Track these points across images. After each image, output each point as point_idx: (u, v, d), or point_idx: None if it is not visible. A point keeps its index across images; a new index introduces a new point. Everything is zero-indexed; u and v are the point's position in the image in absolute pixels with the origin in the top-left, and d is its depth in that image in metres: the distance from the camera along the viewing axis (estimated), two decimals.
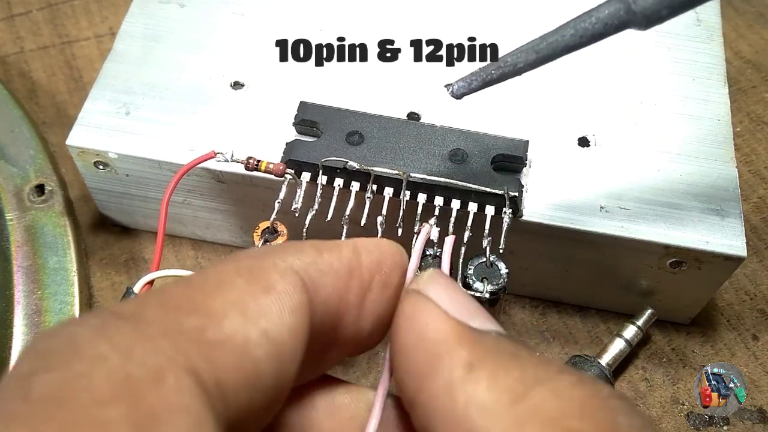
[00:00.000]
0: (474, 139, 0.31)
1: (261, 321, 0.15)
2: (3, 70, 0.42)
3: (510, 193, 0.29)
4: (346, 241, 0.18)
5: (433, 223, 0.29)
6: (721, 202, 0.31)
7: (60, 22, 0.45)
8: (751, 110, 0.42)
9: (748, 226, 0.39)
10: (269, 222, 0.30)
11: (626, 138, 0.33)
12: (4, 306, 0.33)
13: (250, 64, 0.34)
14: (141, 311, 0.14)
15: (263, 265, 0.16)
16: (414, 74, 0.34)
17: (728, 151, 0.33)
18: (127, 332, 0.13)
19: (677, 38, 0.36)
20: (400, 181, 0.29)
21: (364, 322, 0.18)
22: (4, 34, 0.44)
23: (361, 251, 0.18)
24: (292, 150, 0.30)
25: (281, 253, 0.16)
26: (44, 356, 0.13)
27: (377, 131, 0.31)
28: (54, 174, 0.35)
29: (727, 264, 0.31)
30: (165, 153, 0.32)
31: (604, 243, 0.31)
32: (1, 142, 0.36)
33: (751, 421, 0.33)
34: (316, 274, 0.17)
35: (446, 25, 0.36)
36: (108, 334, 0.13)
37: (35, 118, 0.39)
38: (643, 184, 0.32)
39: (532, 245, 0.32)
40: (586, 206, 0.31)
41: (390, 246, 0.19)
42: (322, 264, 0.17)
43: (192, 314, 0.14)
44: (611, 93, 0.34)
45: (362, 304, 0.18)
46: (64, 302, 0.34)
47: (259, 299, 0.15)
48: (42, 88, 0.42)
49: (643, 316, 0.34)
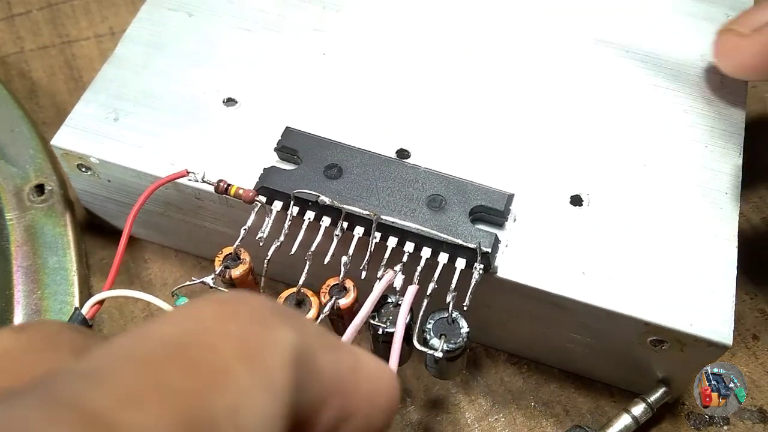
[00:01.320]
0: (456, 186, 0.30)
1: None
2: (3, 70, 0.43)
3: (483, 248, 0.28)
4: (351, 347, 0.16)
5: (399, 270, 0.28)
6: (713, 283, 0.29)
7: (60, 22, 0.45)
8: (751, 110, 0.39)
9: (748, 226, 0.38)
10: (233, 248, 0.29)
11: (623, 201, 0.31)
12: (3, 306, 0.33)
13: (247, 81, 0.34)
14: None
15: (265, 343, 0.13)
16: (411, 109, 0.33)
17: (731, 228, 0.31)
18: None
19: (696, 100, 0.34)
20: (371, 222, 0.28)
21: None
22: (4, 34, 0.45)
23: (361, 371, 0.15)
24: (267, 176, 0.30)
25: (283, 325, 0.14)
26: None
27: (357, 167, 0.30)
28: (54, 174, 0.36)
29: (710, 350, 0.29)
30: (145, 164, 0.31)
31: (580, 311, 0.29)
32: (1, 142, 0.36)
33: (751, 421, 0.33)
34: (305, 371, 0.14)
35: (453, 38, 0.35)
36: None
37: (35, 118, 0.40)
38: (632, 253, 0.30)
39: (508, 302, 0.31)
40: (567, 269, 0.29)
41: (392, 382, 0.16)
42: (317, 362, 0.14)
43: (192, 428, 0.12)
44: (614, 151, 0.33)
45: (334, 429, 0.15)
46: (64, 302, 0.34)
47: (259, 402, 0.12)
48: (42, 88, 0.43)
49: (655, 394, 0.32)
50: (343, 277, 0.29)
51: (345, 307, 0.28)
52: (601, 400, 0.34)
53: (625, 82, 0.35)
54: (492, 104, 0.34)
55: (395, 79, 0.34)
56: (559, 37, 0.36)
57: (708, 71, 0.35)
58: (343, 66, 0.35)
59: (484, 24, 0.36)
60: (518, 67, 0.35)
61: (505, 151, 0.32)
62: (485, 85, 0.34)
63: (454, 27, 0.36)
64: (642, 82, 0.35)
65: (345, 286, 0.29)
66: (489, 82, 0.34)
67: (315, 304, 0.29)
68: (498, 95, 0.34)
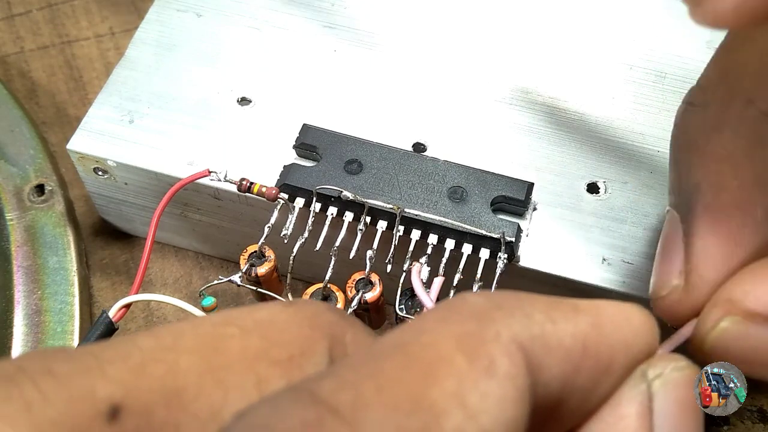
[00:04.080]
0: (476, 176, 0.30)
1: (482, 417, 0.12)
2: (3, 70, 0.43)
3: (506, 237, 0.28)
4: (588, 303, 0.15)
5: (424, 262, 0.29)
6: None
7: (60, 22, 0.45)
8: None
9: None
10: (257, 246, 0.29)
11: (639, 188, 0.32)
12: (4, 306, 0.33)
13: (260, 80, 0.34)
14: (358, 401, 0.12)
15: (485, 336, 0.13)
16: (425, 102, 0.34)
17: None
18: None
19: None
20: (394, 215, 0.29)
21: (594, 405, 0.15)
22: (4, 34, 0.44)
23: (604, 323, 0.15)
24: (287, 174, 0.30)
25: (506, 318, 0.14)
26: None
27: (377, 161, 0.30)
28: (54, 174, 0.35)
29: None
30: (163, 165, 0.31)
31: (603, 296, 0.30)
32: (1, 142, 0.36)
33: (751, 421, 0.33)
34: (542, 351, 0.14)
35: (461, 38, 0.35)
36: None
37: (35, 118, 0.39)
38: (650, 239, 0.30)
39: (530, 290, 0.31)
40: (588, 256, 0.30)
41: (643, 319, 0.16)
42: (552, 338, 0.14)
43: (412, 414, 0.12)
44: (628, 138, 0.33)
45: (593, 390, 0.15)
46: (64, 302, 0.34)
47: (481, 386, 0.13)
48: (42, 88, 0.42)
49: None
50: (368, 272, 0.29)
51: (371, 300, 0.29)
52: None
53: (636, 70, 0.35)
54: (505, 94, 0.34)
55: (406, 73, 0.34)
56: (571, 25, 0.36)
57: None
58: (354, 62, 0.35)
59: (495, 13, 0.37)
60: (530, 56, 0.35)
61: (520, 140, 0.33)
62: (497, 76, 0.35)
63: (463, 17, 0.36)
64: (652, 69, 0.35)
65: (371, 281, 0.29)
66: (501, 72, 0.35)
67: (341, 299, 0.29)
68: (511, 85, 0.34)
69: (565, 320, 0.15)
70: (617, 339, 0.15)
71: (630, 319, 0.16)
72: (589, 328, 0.15)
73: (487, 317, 0.14)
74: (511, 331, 0.14)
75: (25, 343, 0.32)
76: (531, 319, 0.14)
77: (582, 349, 0.14)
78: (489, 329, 0.13)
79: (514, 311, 0.14)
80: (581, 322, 0.15)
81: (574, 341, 0.14)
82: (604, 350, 0.15)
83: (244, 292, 0.35)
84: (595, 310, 0.15)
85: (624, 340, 0.15)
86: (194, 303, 0.28)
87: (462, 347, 0.13)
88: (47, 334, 0.32)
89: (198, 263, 0.37)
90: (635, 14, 0.37)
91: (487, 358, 0.13)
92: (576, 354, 0.14)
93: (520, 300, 0.15)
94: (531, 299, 0.15)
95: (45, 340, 0.32)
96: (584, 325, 0.15)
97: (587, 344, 0.14)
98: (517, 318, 0.14)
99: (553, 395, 0.14)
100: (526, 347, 0.14)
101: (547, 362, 0.14)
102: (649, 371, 0.15)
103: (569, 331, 0.14)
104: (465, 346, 0.13)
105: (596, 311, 0.15)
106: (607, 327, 0.15)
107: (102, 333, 0.27)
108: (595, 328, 0.15)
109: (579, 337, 0.14)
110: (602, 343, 0.15)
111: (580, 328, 0.15)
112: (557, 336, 0.14)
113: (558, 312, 0.15)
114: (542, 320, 0.14)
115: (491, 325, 0.14)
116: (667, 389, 0.15)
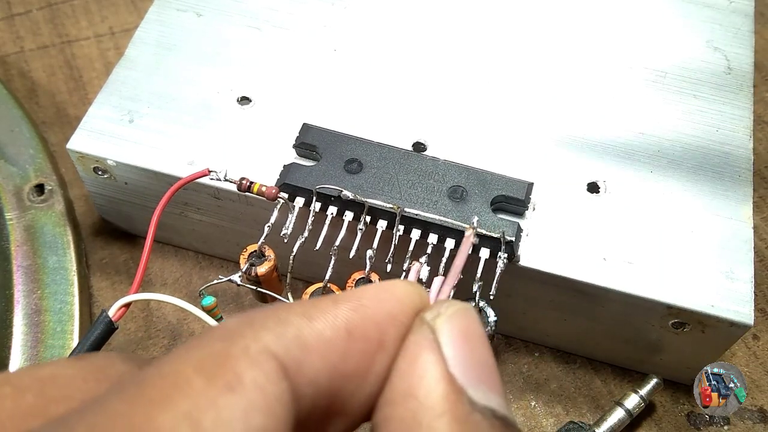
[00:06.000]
0: (476, 176, 0.30)
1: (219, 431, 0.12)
2: (3, 70, 0.43)
3: (506, 237, 0.28)
4: (351, 293, 0.15)
5: (424, 262, 0.29)
6: (732, 264, 0.30)
7: (60, 21, 0.45)
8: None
9: None
10: (257, 245, 0.29)
11: (639, 187, 0.32)
12: (3, 306, 0.33)
13: (260, 79, 0.34)
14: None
15: (231, 353, 0.13)
16: (425, 102, 0.34)
17: (746, 210, 0.31)
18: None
19: (705, 86, 0.35)
20: (394, 215, 0.29)
21: (374, 387, 0.15)
22: (4, 34, 0.45)
23: (366, 305, 0.15)
24: (287, 173, 0.30)
25: (257, 331, 0.14)
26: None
27: (377, 161, 0.30)
28: (54, 174, 0.35)
29: (732, 330, 0.29)
30: (163, 164, 0.31)
31: (603, 296, 0.30)
32: (1, 141, 0.36)
33: (751, 420, 0.33)
34: (299, 352, 0.14)
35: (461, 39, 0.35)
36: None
37: (35, 118, 0.39)
38: (650, 238, 0.30)
39: (530, 290, 0.31)
40: (588, 256, 0.30)
41: (406, 289, 0.16)
42: (311, 336, 0.14)
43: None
44: (628, 138, 0.33)
45: (370, 368, 0.15)
46: (63, 302, 0.34)
47: (220, 402, 0.12)
48: (42, 87, 0.42)
49: (647, 385, 0.32)
50: (368, 271, 0.29)
51: None
52: (601, 400, 0.34)
53: (637, 71, 0.35)
54: (505, 94, 0.34)
55: (406, 73, 0.34)
56: (571, 26, 0.36)
57: (714, 57, 0.36)
58: (353, 61, 0.35)
59: (495, 13, 0.37)
60: (531, 56, 0.35)
61: (519, 140, 0.33)
62: (497, 76, 0.35)
63: (463, 17, 0.36)
64: (652, 69, 0.35)
65: (371, 279, 0.29)
66: (501, 72, 0.35)
67: None
68: (511, 85, 0.34)
69: (323, 315, 0.15)
70: (382, 314, 0.15)
71: (391, 291, 0.16)
72: (350, 313, 0.15)
73: (236, 335, 0.14)
74: (260, 342, 0.14)
75: (24, 342, 0.32)
76: (286, 324, 0.14)
77: (346, 335, 0.15)
78: (236, 346, 0.13)
79: (267, 322, 0.14)
80: (341, 311, 0.15)
81: (336, 331, 0.15)
82: (371, 327, 0.15)
83: (243, 292, 0.35)
84: (355, 296, 0.15)
85: (389, 312, 0.15)
86: (194, 302, 0.28)
87: (202, 369, 0.13)
88: (47, 333, 0.32)
89: (198, 263, 0.37)
90: (635, 14, 0.37)
91: (231, 373, 0.13)
92: (339, 342, 0.14)
93: (276, 310, 0.15)
94: (288, 306, 0.15)
95: (45, 339, 0.32)
96: (345, 312, 0.15)
97: (351, 329, 0.15)
98: (270, 328, 0.14)
99: (325, 387, 0.14)
100: (279, 354, 0.14)
101: (309, 360, 0.14)
102: (426, 315, 0.16)
103: (329, 324, 0.15)
104: (205, 368, 0.13)
105: (356, 296, 0.15)
106: (369, 307, 0.15)
107: (102, 332, 0.27)
108: (356, 311, 0.15)
109: (340, 325, 0.15)
110: (367, 322, 0.15)
111: (341, 316, 0.15)
112: (316, 332, 0.14)
113: (316, 309, 0.15)
114: (298, 322, 0.14)
115: (239, 342, 0.14)
116: (449, 321, 0.15)
